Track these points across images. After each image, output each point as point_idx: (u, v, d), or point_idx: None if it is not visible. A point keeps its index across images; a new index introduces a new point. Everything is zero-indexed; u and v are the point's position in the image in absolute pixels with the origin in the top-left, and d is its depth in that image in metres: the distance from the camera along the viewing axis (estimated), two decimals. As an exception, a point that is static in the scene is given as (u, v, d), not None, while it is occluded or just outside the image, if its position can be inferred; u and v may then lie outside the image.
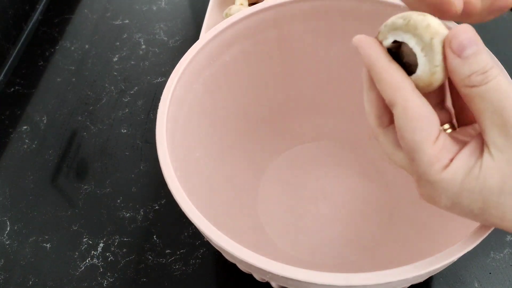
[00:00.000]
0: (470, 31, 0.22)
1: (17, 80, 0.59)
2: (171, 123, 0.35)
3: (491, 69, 0.22)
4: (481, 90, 0.22)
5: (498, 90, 0.21)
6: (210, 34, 0.38)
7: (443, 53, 0.23)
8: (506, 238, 0.43)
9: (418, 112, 0.22)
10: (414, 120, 0.22)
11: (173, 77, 0.36)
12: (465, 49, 0.22)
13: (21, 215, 0.48)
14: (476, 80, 0.22)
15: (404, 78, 0.23)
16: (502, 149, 0.22)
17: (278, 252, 0.43)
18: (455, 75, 0.22)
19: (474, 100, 0.22)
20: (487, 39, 0.36)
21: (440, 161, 0.23)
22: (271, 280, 0.30)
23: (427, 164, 0.23)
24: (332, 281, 0.26)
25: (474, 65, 0.22)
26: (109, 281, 0.43)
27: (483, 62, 0.22)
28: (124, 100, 0.56)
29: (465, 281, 0.41)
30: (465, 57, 0.22)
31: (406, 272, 0.26)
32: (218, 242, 0.28)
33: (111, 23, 0.64)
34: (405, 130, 0.23)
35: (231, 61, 0.41)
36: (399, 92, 0.23)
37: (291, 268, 0.26)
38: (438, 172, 0.23)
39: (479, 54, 0.22)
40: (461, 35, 0.22)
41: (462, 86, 0.22)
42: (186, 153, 0.37)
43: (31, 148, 0.53)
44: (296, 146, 0.50)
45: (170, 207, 0.47)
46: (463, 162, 0.23)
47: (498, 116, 0.22)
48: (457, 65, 0.22)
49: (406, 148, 0.23)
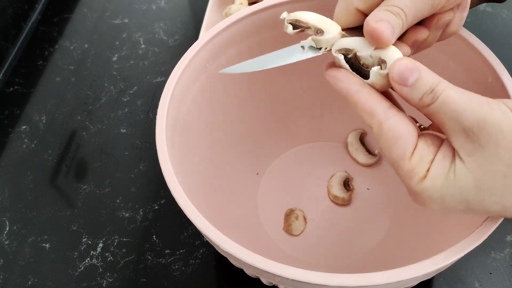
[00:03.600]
0: (406, 61, 0.24)
1: (16, 80, 0.59)
2: (171, 123, 0.35)
3: (438, 85, 0.24)
4: (435, 106, 0.24)
5: (449, 101, 0.23)
6: (209, 35, 0.38)
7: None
8: (507, 238, 0.43)
9: (392, 133, 0.24)
10: (389, 141, 0.25)
11: (172, 77, 0.36)
12: (408, 79, 0.24)
13: (20, 215, 0.48)
14: (428, 99, 0.24)
15: (376, 102, 0.25)
16: (469, 153, 0.24)
17: (280, 253, 0.43)
18: (409, 101, 0.24)
19: (433, 116, 0.24)
20: (487, 39, 0.36)
21: (417, 174, 0.24)
22: (279, 283, 0.30)
23: (407, 178, 0.25)
24: (346, 282, 0.26)
25: (421, 88, 0.24)
26: (108, 281, 0.43)
27: (429, 82, 0.24)
28: (124, 100, 0.56)
29: (466, 281, 0.41)
30: (411, 85, 0.24)
31: (417, 269, 0.26)
32: (226, 249, 0.28)
33: (110, 23, 0.64)
34: (383, 149, 0.25)
35: (229, 61, 0.41)
36: (373, 117, 0.25)
37: (302, 272, 0.26)
38: (417, 184, 0.25)
39: (422, 77, 0.24)
40: (399, 67, 0.24)
41: (419, 107, 0.24)
42: (185, 154, 0.37)
43: (30, 148, 0.53)
44: (295, 147, 0.49)
45: (170, 207, 0.47)
46: (438, 170, 0.24)
47: (457, 124, 0.23)
48: (407, 93, 0.24)
49: (390, 164, 0.26)
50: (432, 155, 0.25)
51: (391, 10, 0.26)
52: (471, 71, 0.36)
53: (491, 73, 0.34)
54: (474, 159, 0.24)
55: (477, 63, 0.35)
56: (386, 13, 0.25)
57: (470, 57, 0.36)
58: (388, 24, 0.25)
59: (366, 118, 0.25)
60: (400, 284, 0.27)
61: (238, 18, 0.38)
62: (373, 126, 0.25)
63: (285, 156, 0.49)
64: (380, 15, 0.25)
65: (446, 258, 0.27)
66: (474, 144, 0.23)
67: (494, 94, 0.34)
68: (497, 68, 0.34)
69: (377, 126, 0.25)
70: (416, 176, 0.24)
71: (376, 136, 0.25)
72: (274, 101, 0.47)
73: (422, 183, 0.24)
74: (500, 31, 0.58)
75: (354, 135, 0.48)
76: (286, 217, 0.45)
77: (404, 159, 0.24)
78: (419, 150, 0.25)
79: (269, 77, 0.45)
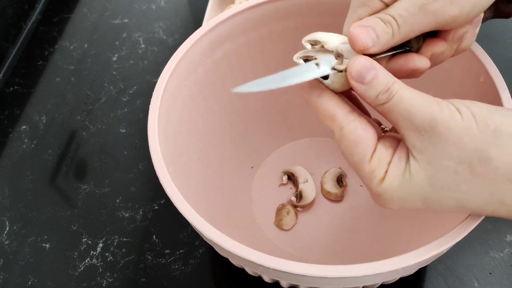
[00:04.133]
0: (364, 60, 0.25)
1: (16, 80, 0.59)
2: (164, 119, 0.35)
3: (393, 84, 0.25)
4: (389, 105, 0.25)
5: (403, 100, 0.24)
6: (205, 28, 0.38)
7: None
8: (506, 237, 0.43)
9: (351, 137, 0.25)
10: (350, 145, 0.26)
11: (165, 73, 0.36)
12: (365, 77, 0.25)
13: (20, 215, 0.48)
14: (383, 98, 0.25)
15: (336, 107, 0.26)
16: (421, 150, 0.25)
17: (272, 247, 0.43)
18: (365, 98, 0.25)
19: (388, 115, 0.25)
20: (487, 39, 0.36)
21: (376, 176, 0.25)
22: (262, 273, 0.31)
23: (367, 180, 0.26)
24: (322, 273, 0.26)
25: (378, 86, 0.25)
26: (108, 281, 0.43)
27: (384, 81, 0.25)
28: (123, 100, 0.56)
29: (464, 280, 0.41)
30: (368, 83, 0.25)
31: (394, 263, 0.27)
32: (208, 235, 0.29)
33: (110, 22, 0.64)
34: (345, 153, 0.26)
35: (223, 57, 0.41)
36: (334, 122, 0.26)
37: (282, 261, 0.27)
38: (377, 185, 0.26)
39: (378, 76, 0.25)
40: (357, 66, 0.25)
41: (375, 106, 0.25)
42: (178, 149, 0.37)
43: (30, 148, 0.53)
44: (290, 142, 0.50)
45: (170, 207, 0.47)
46: (395, 171, 0.25)
47: (409, 123, 0.24)
48: (364, 90, 0.25)
49: (351, 167, 0.27)
50: (390, 157, 0.26)
51: (382, 17, 0.26)
52: (464, 70, 0.36)
53: (483, 73, 0.34)
54: (426, 157, 0.25)
55: (470, 62, 0.36)
56: (374, 20, 0.26)
57: (463, 56, 0.36)
58: (369, 31, 0.25)
59: (327, 123, 0.26)
60: (378, 277, 0.28)
61: (231, 14, 0.39)
62: (334, 130, 0.26)
63: (280, 150, 0.49)
64: (367, 21, 0.26)
65: (426, 253, 0.27)
66: (425, 143, 0.24)
67: (485, 93, 0.34)
68: (488, 67, 0.34)
69: (338, 130, 0.26)
70: (376, 178, 0.25)
71: (337, 140, 0.26)
72: (271, 96, 0.47)
73: (381, 185, 0.25)
74: (500, 31, 0.58)
75: None
76: (277, 211, 0.45)
77: (364, 162, 0.26)
78: (378, 153, 0.26)
79: (262, 73, 0.45)
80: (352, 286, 0.30)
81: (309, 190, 0.45)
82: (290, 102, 0.48)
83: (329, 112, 0.26)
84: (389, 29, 0.26)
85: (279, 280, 0.31)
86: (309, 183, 0.46)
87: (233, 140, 0.46)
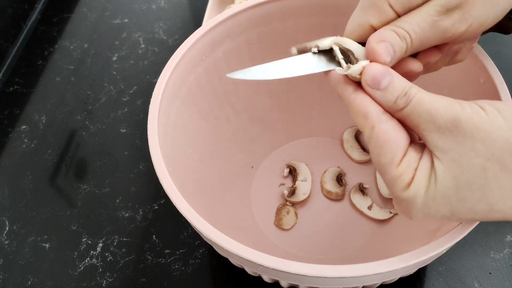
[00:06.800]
0: (378, 66, 0.25)
1: (16, 80, 0.59)
2: (164, 119, 0.35)
3: (410, 88, 0.24)
4: (409, 108, 0.24)
5: (423, 103, 0.24)
6: (206, 27, 0.38)
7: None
8: (506, 238, 0.43)
9: (383, 138, 0.25)
10: (379, 145, 0.25)
11: (165, 73, 0.36)
12: (381, 82, 0.25)
13: (20, 215, 0.48)
14: (401, 102, 0.24)
15: (370, 105, 0.25)
16: (445, 150, 0.24)
17: (272, 247, 0.43)
18: (383, 104, 0.25)
19: (408, 119, 0.25)
20: (487, 39, 0.36)
21: (403, 181, 0.25)
22: (262, 273, 0.31)
23: (392, 184, 0.25)
24: (323, 273, 0.26)
25: (394, 91, 0.24)
26: (108, 281, 0.43)
27: (401, 86, 0.24)
28: (123, 100, 0.56)
29: (465, 281, 0.41)
30: (384, 89, 0.25)
31: (393, 263, 0.27)
32: (208, 235, 0.29)
33: (110, 22, 0.64)
34: (373, 153, 0.25)
35: (226, 54, 0.41)
36: (366, 119, 0.25)
37: (281, 260, 0.27)
38: (402, 191, 0.25)
39: (394, 81, 0.25)
40: (371, 71, 0.25)
41: (393, 111, 0.25)
42: (178, 148, 0.37)
43: (30, 148, 0.53)
44: (289, 142, 0.50)
45: (170, 207, 0.47)
46: (422, 176, 0.25)
47: (431, 124, 0.24)
48: (381, 96, 0.25)
49: (376, 169, 0.26)
50: (417, 163, 0.25)
51: (398, 32, 0.26)
52: (464, 71, 0.36)
53: (483, 74, 0.34)
54: (450, 156, 0.24)
55: (470, 63, 0.35)
56: (391, 34, 0.26)
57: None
58: (388, 47, 0.25)
59: (359, 119, 0.26)
60: (378, 277, 0.28)
61: (236, 11, 0.39)
62: (364, 128, 0.26)
63: (281, 150, 0.49)
64: (385, 35, 0.26)
65: (425, 252, 0.27)
66: (449, 142, 0.24)
67: (486, 94, 0.34)
68: (489, 68, 0.34)
69: (369, 128, 0.25)
70: (402, 183, 0.25)
71: (366, 139, 0.26)
72: (271, 95, 0.47)
73: (407, 190, 0.25)
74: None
75: (350, 132, 0.49)
76: (277, 211, 0.45)
77: (391, 165, 0.25)
78: (408, 157, 0.25)
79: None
80: (352, 286, 0.30)
81: (304, 189, 0.45)
82: (290, 102, 0.48)
83: (363, 108, 0.25)
84: (404, 44, 0.26)
85: (279, 280, 0.31)
86: (306, 183, 0.46)
87: (233, 140, 0.46)
